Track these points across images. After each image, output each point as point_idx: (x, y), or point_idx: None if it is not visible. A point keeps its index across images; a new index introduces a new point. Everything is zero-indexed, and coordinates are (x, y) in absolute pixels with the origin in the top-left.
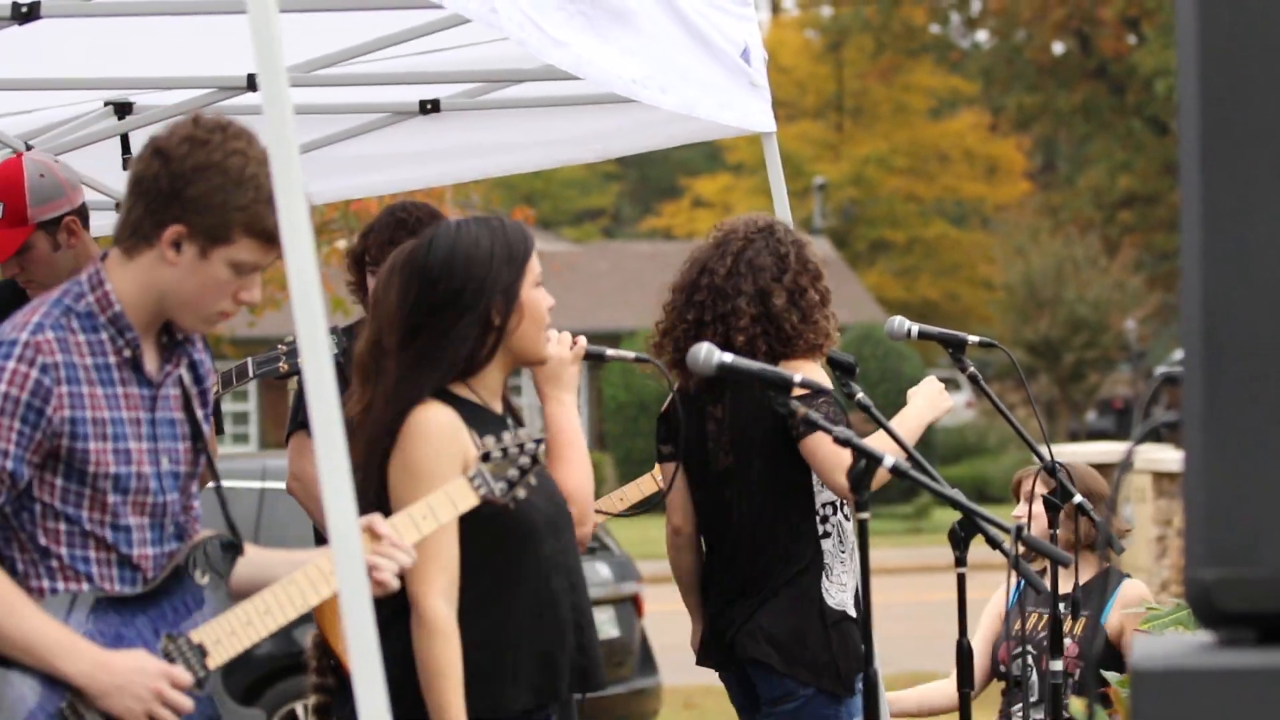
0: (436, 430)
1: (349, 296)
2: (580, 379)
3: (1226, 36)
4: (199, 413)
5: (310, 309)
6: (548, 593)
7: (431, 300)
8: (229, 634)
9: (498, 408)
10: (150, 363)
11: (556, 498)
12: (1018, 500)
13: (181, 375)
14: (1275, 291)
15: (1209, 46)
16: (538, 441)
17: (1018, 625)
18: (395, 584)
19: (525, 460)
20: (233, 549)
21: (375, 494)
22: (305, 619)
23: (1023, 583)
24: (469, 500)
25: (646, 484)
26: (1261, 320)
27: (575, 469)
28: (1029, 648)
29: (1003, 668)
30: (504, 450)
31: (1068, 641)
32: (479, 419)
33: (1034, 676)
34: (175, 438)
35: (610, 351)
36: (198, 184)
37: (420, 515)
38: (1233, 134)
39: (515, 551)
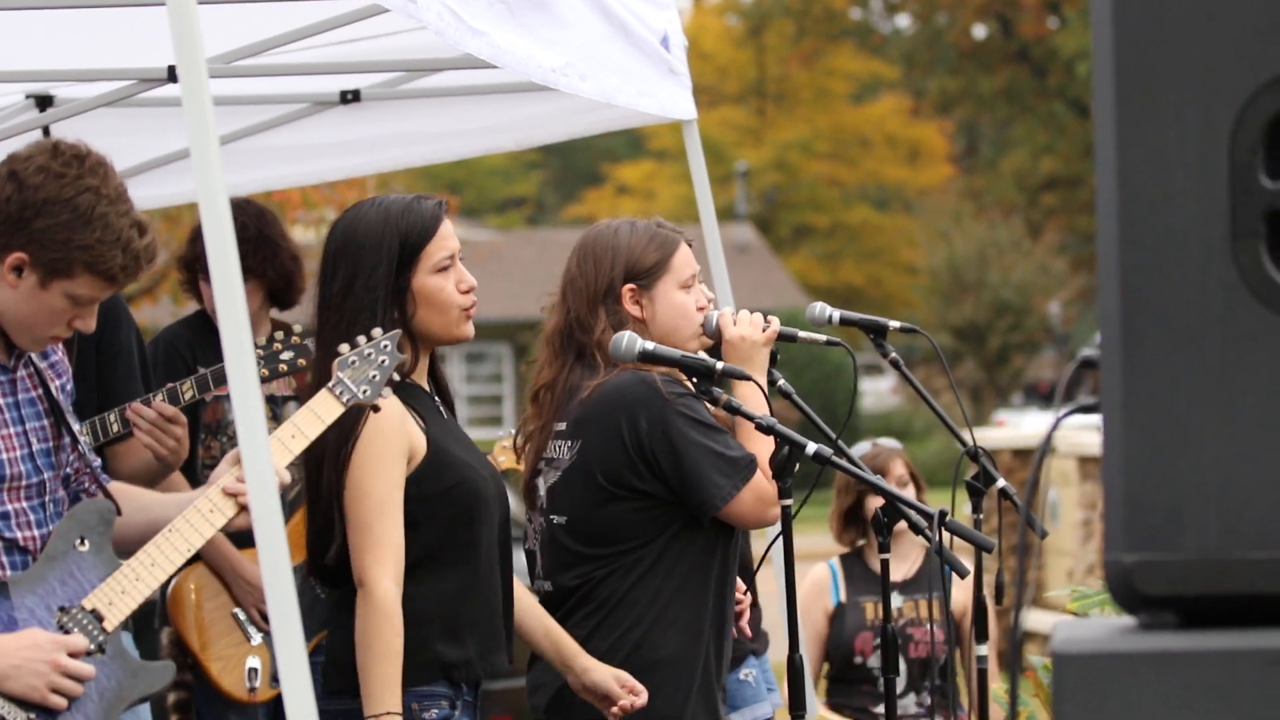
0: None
1: None
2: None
3: (1140, 17)
4: (53, 386)
5: (231, 297)
6: (490, 569)
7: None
8: (120, 594)
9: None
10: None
11: (497, 477)
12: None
13: (30, 355)
14: (1193, 274)
15: (1124, 27)
16: (392, 335)
17: (873, 614)
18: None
19: (383, 359)
20: (108, 511)
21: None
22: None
23: (841, 572)
24: (334, 410)
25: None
26: (1178, 302)
27: (762, 450)
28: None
29: (859, 659)
30: (361, 353)
31: (915, 630)
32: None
33: (902, 666)
34: (38, 415)
35: (803, 334)
36: (45, 218)
37: (288, 435)
38: (1149, 116)
39: (465, 525)
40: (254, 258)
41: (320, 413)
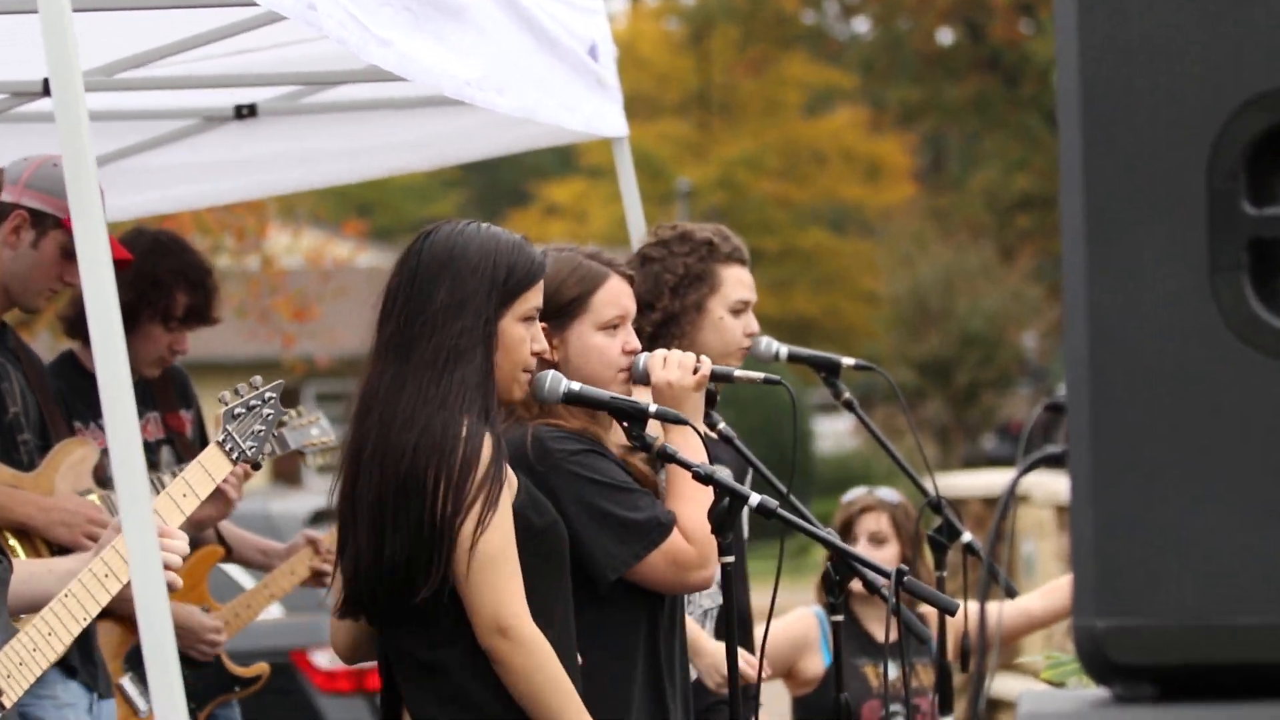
0: None
1: None
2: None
3: (1105, 36)
4: None
5: (108, 325)
6: (567, 631)
7: None
8: (18, 665)
9: None
10: None
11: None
12: (851, 539)
13: None
14: (1167, 311)
15: (1088, 47)
16: (275, 387)
17: (876, 680)
18: (179, 581)
19: (268, 413)
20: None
21: None
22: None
23: (829, 627)
24: (222, 467)
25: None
26: (1151, 340)
27: (695, 507)
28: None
29: None
30: (246, 405)
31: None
32: None
33: None
34: None
35: (738, 373)
36: None
37: (180, 494)
38: (1117, 140)
39: (557, 573)
40: (151, 296)
41: (211, 470)
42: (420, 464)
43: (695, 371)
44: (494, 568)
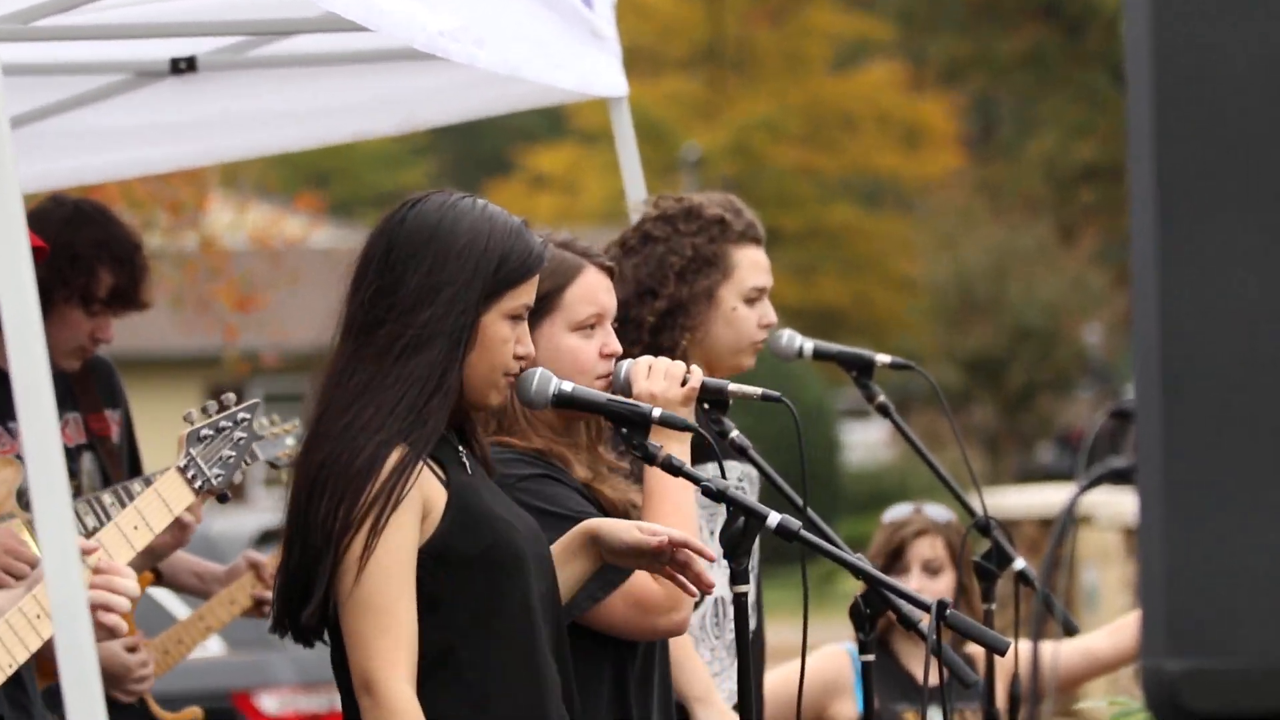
0: None
1: None
2: None
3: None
4: None
5: (26, 316)
6: (533, 644)
7: None
8: None
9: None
10: None
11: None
12: (902, 567)
13: None
14: (1254, 303)
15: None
16: (250, 407)
17: None
18: (124, 626)
19: (240, 436)
20: None
21: None
22: None
23: (862, 666)
24: (184, 497)
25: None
26: (1234, 338)
27: (689, 523)
28: None
29: None
30: (215, 426)
31: None
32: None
33: None
34: None
35: (733, 387)
36: None
37: (131, 526)
38: (1197, 102)
39: (497, 590)
40: (70, 274)
41: (169, 500)
42: (326, 469)
43: (684, 383)
44: (365, 616)
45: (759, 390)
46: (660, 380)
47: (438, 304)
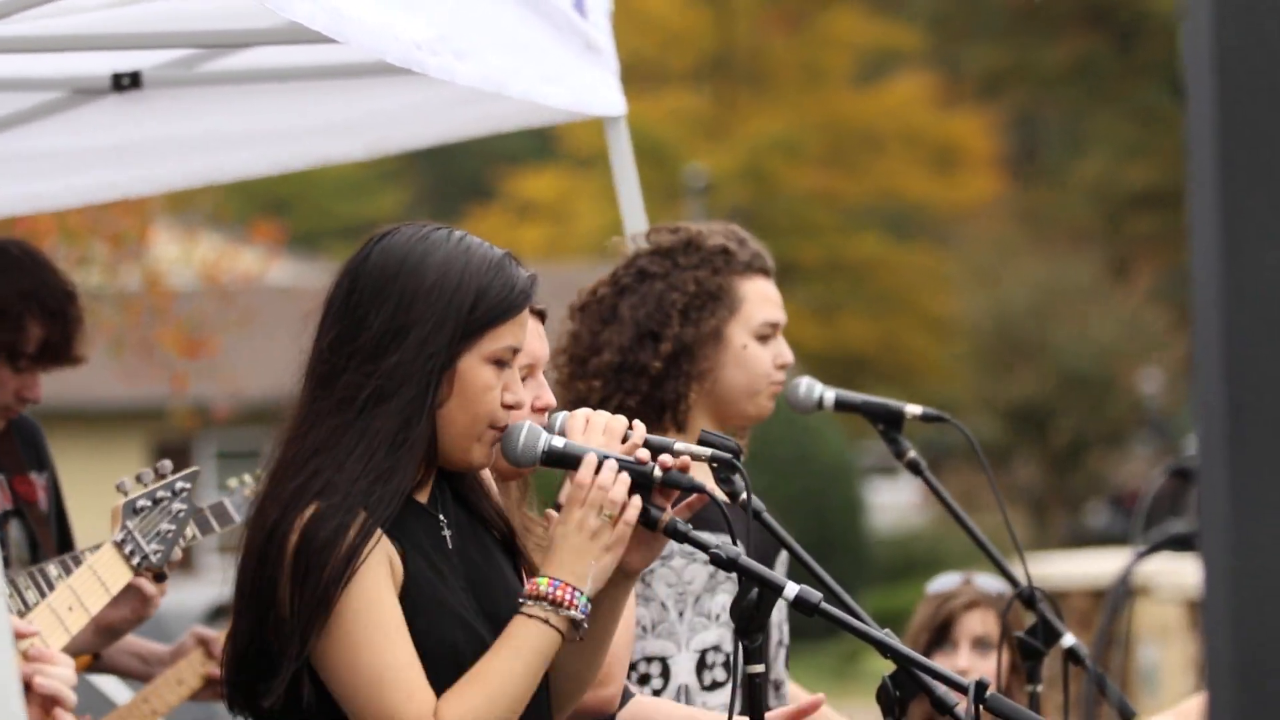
0: None
1: None
2: None
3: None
4: None
5: None
6: None
7: None
8: None
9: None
10: None
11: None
12: (950, 644)
13: None
14: None
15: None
16: (189, 476)
17: None
18: (71, 697)
19: (179, 509)
20: None
21: None
22: None
23: None
24: (122, 576)
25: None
26: None
27: None
28: None
29: None
30: (152, 497)
31: None
32: None
33: None
34: None
35: (679, 445)
36: None
37: (65, 606)
38: (1265, 119)
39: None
40: None
41: (106, 579)
42: (278, 537)
43: (624, 440)
44: (366, 689)
45: (709, 451)
46: (598, 436)
47: (404, 349)
